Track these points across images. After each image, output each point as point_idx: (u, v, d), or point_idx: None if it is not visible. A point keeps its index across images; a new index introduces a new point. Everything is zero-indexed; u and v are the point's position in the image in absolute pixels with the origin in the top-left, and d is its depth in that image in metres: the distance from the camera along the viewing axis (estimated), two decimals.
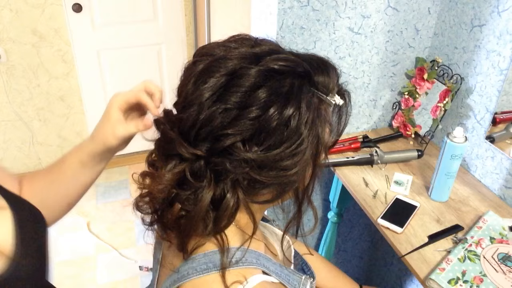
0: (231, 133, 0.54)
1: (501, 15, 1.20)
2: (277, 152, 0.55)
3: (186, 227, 0.59)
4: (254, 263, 0.62)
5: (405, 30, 1.45)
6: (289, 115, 0.54)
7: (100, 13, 2.62)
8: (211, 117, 0.54)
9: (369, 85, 1.52)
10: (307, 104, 0.56)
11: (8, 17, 2.44)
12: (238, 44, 0.59)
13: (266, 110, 0.54)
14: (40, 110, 2.77)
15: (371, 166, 1.39)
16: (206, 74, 0.56)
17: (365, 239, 1.94)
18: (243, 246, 0.62)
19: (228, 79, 0.55)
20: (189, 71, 0.59)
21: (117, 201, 2.80)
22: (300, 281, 0.69)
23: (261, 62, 0.56)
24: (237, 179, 0.57)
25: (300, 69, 0.57)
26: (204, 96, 0.55)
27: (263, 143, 0.54)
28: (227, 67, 0.56)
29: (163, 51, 2.89)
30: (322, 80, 0.59)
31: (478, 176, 1.35)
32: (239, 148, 0.54)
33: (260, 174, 0.56)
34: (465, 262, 1.02)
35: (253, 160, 0.55)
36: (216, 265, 0.59)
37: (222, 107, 0.54)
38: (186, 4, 2.80)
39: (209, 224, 0.59)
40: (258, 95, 0.54)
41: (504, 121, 1.27)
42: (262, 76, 0.55)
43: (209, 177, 0.57)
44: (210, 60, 0.58)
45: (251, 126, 0.54)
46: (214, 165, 0.56)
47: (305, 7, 1.30)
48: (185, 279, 0.60)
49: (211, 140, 0.55)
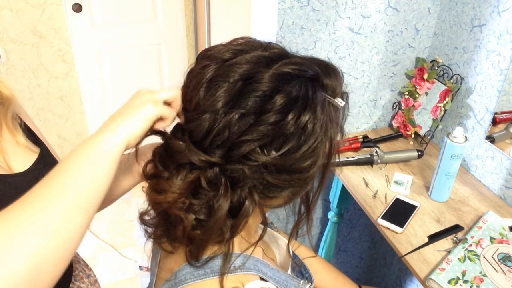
0: (249, 139, 0.53)
1: (501, 15, 1.20)
2: (295, 156, 0.55)
3: (203, 238, 0.57)
4: (252, 269, 0.61)
5: (405, 30, 1.45)
6: (307, 120, 0.54)
7: (100, 13, 2.62)
8: (228, 124, 0.53)
9: (369, 85, 1.52)
10: (321, 107, 0.56)
11: (8, 17, 2.44)
12: (247, 48, 0.58)
13: (285, 115, 0.53)
14: (40, 110, 2.77)
15: (371, 166, 1.39)
16: (220, 79, 0.55)
17: (365, 239, 1.94)
18: (244, 253, 0.61)
19: (244, 84, 0.54)
20: (198, 76, 0.57)
21: (117, 201, 2.80)
22: (298, 286, 0.69)
23: (274, 66, 0.55)
24: (254, 185, 0.56)
25: (311, 73, 0.57)
26: (220, 103, 0.53)
27: (281, 148, 0.54)
28: (242, 72, 0.54)
29: (163, 51, 2.89)
30: (330, 84, 0.59)
31: (478, 176, 1.35)
32: (257, 153, 0.53)
33: (278, 178, 0.56)
34: (465, 262, 1.02)
35: (272, 165, 0.54)
36: (214, 270, 0.59)
37: (239, 113, 0.53)
38: (186, 4, 2.80)
39: (227, 232, 0.58)
40: (276, 100, 0.53)
41: (504, 121, 1.27)
42: (278, 80, 0.54)
43: (225, 185, 0.56)
44: (221, 64, 0.56)
45: (270, 132, 0.53)
46: (230, 172, 0.55)
47: (305, 7, 1.30)
48: (183, 284, 0.59)
49: (228, 147, 0.54)
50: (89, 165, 0.54)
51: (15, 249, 0.49)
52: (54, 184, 0.53)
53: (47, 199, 0.52)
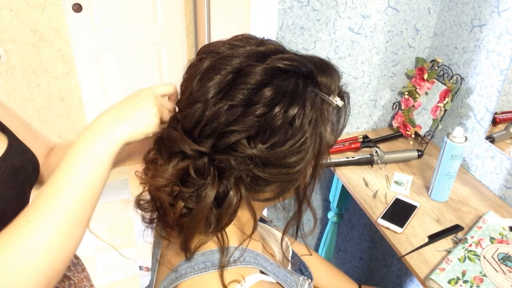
0: (236, 130, 0.54)
1: (501, 15, 1.20)
2: (281, 150, 0.56)
3: (190, 225, 0.59)
4: (252, 262, 0.62)
5: (405, 30, 1.45)
6: (294, 114, 0.55)
7: (100, 13, 2.62)
8: (217, 114, 0.55)
9: (369, 85, 1.52)
10: (311, 103, 0.56)
11: (8, 17, 2.44)
12: (243, 43, 0.60)
13: (272, 108, 0.54)
14: (40, 110, 2.77)
15: (371, 166, 1.39)
16: (212, 71, 0.56)
17: (365, 239, 1.94)
18: (241, 246, 0.62)
19: (234, 76, 0.56)
20: (194, 68, 0.59)
21: (116, 201, 2.80)
22: (298, 282, 0.69)
23: (267, 60, 0.57)
24: (241, 176, 0.57)
25: (304, 69, 0.58)
26: (210, 93, 0.55)
27: (268, 141, 0.55)
28: (233, 65, 0.56)
29: (163, 51, 2.89)
30: (324, 81, 0.60)
31: (478, 176, 1.35)
32: (244, 144, 0.55)
33: (264, 171, 0.57)
34: (465, 262, 1.02)
35: (257, 157, 0.55)
36: (214, 264, 0.59)
37: (228, 104, 0.54)
38: (186, 4, 2.80)
39: (212, 221, 0.60)
40: (264, 93, 0.54)
41: (504, 121, 1.27)
42: (268, 74, 0.55)
43: (213, 174, 0.57)
44: (216, 57, 0.58)
45: (257, 124, 0.54)
46: (218, 162, 0.57)
47: (305, 7, 1.30)
48: (183, 278, 0.60)
49: (216, 137, 0.56)
50: (88, 179, 0.57)
51: (18, 265, 0.52)
52: (50, 200, 0.55)
53: (45, 216, 0.54)
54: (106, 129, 0.58)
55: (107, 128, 0.58)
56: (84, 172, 0.56)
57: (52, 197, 0.55)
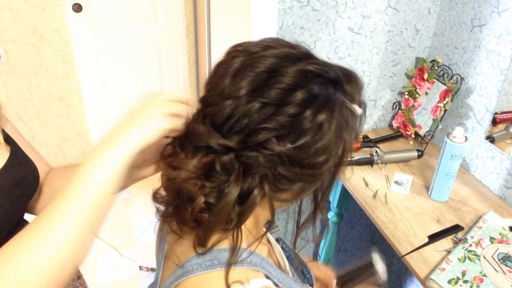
0: (267, 128, 0.55)
1: (501, 15, 1.20)
2: (309, 151, 0.57)
3: (211, 221, 0.59)
4: (258, 265, 0.62)
5: (405, 30, 1.45)
6: (324, 118, 0.56)
7: (100, 13, 2.62)
8: (249, 111, 0.55)
9: (369, 85, 1.52)
10: (339, 109, 0.58)
11: (8, 17, 2.44)
12: (276, 44, 0.61)
13: (304, 110, 0.55)
14: (40, 110, 2.77)
15: (371, 166, 1.39)
16: (246, 69, 0.58)
17: (365, 239, 1.94)
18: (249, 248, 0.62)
19: (268, 75, 0.57)
20: (225, 65, 0.60)
21: (117, 201, 2.80)
22: None
23: (300, 63, 0.58)
24: (265, 175, 0.58)
25: (333, 75, 0.60)
26: (243, 91, 0.56)
27: (296, 141, 0.56)
28: (267, 64, 0.57)
29: (163, 51, 2.89)
30: (349, 89, 0.62)
31: (478, 176, 1.35)
32: (273, 142, 0.56)
33: (290, 170, 0.58)
34: (465, 262, 1.02)
35: (286, 155, 0.56)
36: (220, 262, 0.60)
37: (260, 102, 0.55)
38: (186, 4, 2.80)
39: (234, 219, 0.60)
40: (297, 94, 0.56)
41: (504, 121, 1.27)
42: (301, 76, 0.57)
43: (238, 171, 0.58)
44: (249, 56, 0.59)
45: (288, 123, 0.55)
46: (245, 159, 0.57)
47: (305, 7, 1.30)
48: (189, 274, 0.60)
49: (246, 133, 0.56)
50: (94, 205, 0.58)
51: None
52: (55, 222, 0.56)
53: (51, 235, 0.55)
54: (120, 138, 0.60)
55: (120, 137, 0.60)
56: (105, 175, 0.58)
57: (51, 217, 0.56)
